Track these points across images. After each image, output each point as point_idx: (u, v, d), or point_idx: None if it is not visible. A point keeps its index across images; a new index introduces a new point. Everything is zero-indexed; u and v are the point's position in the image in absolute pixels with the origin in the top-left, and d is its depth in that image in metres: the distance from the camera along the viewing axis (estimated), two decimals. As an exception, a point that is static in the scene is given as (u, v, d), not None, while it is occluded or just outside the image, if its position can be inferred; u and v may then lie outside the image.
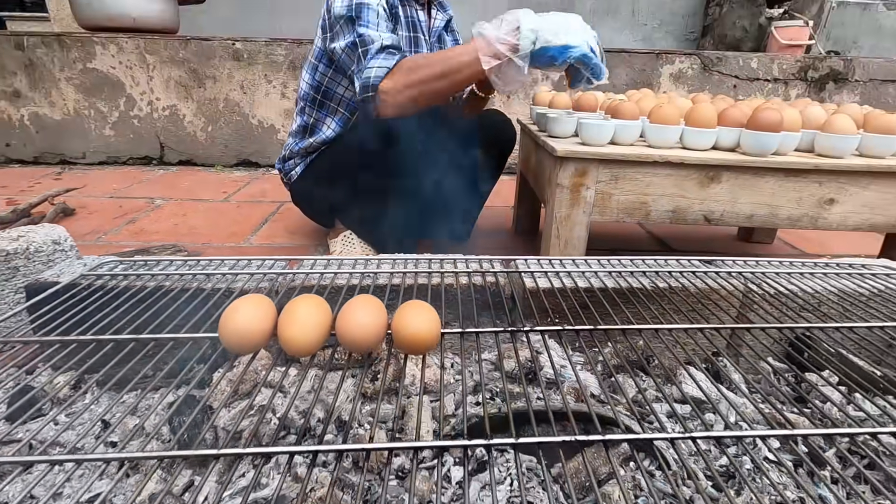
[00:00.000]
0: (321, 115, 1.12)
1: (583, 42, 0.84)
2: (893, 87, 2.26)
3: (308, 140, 1.15)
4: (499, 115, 1.22)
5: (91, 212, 1.54)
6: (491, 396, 0.70)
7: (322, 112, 1.12)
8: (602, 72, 0.87)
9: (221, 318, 0.50)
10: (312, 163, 1.16)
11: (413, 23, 1.08)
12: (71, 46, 2.04)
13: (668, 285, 0.77)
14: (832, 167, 0.91)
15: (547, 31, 0.83)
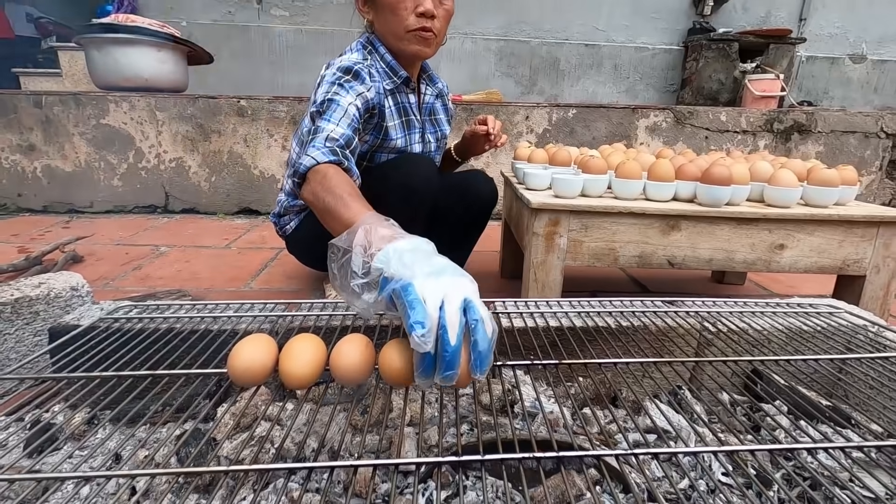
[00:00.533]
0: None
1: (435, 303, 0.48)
2: (854, 138, 2.43)
3: (299, 200, 1.22)
4: (482, 175, 1.28)
5: (99, 258, 1.63)
6: (470, 428, 0.77)
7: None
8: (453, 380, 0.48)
9: (230, 355, 0.58)
10: (306, 217, 1.25)
11: (404, 108, 1.14)
12: (86, 104, 2.18)
13: (630, 324, 0.85)
14: (779, 216, 1.01)
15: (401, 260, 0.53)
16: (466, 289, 0.49)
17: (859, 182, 1.09)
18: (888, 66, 3.84)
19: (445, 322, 0.46)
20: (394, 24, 1.02)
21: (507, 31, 3.55)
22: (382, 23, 1.05)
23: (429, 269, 0.50)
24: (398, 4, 1.00)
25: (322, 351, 0.61)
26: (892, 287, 1.07)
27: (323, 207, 0.80)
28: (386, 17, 1.03)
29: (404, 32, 1.03)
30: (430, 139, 1.23)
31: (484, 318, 0.47)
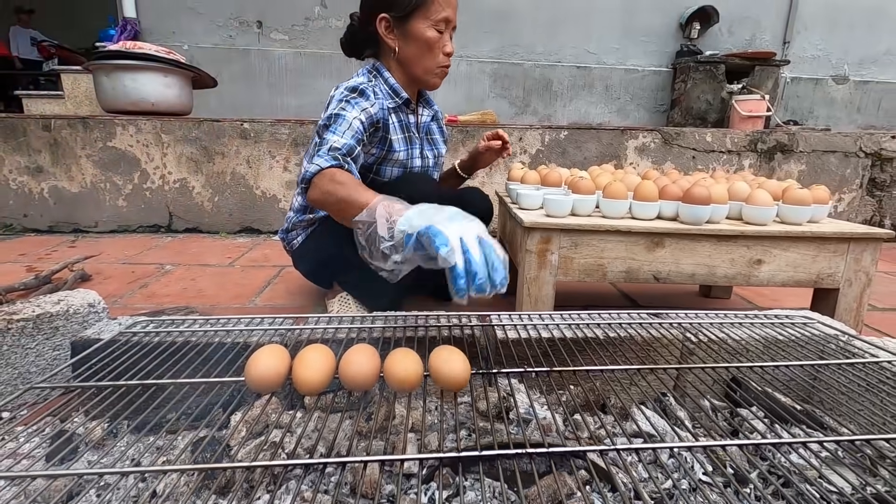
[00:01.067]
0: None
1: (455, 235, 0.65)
2: (834, 157, 2.53)
3: (309, 215, 1.31)
4: (478, 192, 1.37)
5: (106, 277, 1.67)
6: (468, 433, 0.82)
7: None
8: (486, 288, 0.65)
9: (247, 364, 0.63)
10: (313, 233, 1.32)
11: (405, 125, 1.24)
12: (94, 127, 2.25)
13: (618, 335, 0.91)
14: (755, 233, 1.08)
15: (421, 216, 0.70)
16: (478, 227, 0.68)
17: (832, 200, 1.15)
18: (869, 86, 3.99)
19: (467, 245, 0.64)
20: (427, 60, 1.16)
21: (500, 53, 3.67)
22: (413, 55, 1.16)
23: (445, 216, 0.68)
24: (435, 44, 1.14)
25: (332, 360, 0.67)
26: (865, 299, 1.13)
27: (337, 199, 0.91)
28: (421, 51, 1.15)
29: (435, 68, 1.17)
30: (427, 155, 1.33)
31: (494, 245, 0.66)
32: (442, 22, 1.12)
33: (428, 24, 1.12)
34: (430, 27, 1.12)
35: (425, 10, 1.11)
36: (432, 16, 1.11)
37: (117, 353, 0.78)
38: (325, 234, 1.30)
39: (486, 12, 3.54)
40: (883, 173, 2.56)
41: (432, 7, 1.11)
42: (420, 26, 1.12)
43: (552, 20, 3.65)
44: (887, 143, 2.55)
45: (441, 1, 1.11)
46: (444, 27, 1.14)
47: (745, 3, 3.71)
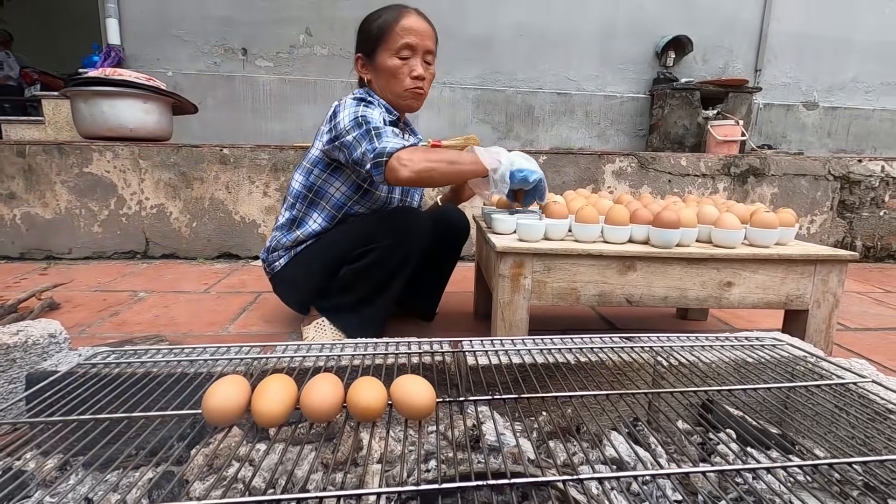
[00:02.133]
0: (310, 210, 1.31)
1: (540, 172, 1.17)
2: (805, 180, 2.59)
3: (295, 232, 1.31)
4: (456, 210, 1.43)
5: (76, 305, 1.63)
6: (436, 464, 0.80)
7: (311, 208, 1.31)
8: (545, 195, 1.21)
9: (204, 396, 0.62)
10: (295, 256, 1.32)
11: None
12: (70, 153, 2.23)
13: (589, 360, 0.90)
14: (724, 256, 1.09)
15: (520, 160, 1.15)
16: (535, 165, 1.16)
17: (798, 223, 1.18)
18: (838, 112, 4.13)
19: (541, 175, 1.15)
20: (394, 85, 1.24)
21: (483, 80, 3.75)
22: (383, 84, 1.26)
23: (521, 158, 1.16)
24: (398, 71, 1.23)
25: (293, 390, 0.65)
26: (834, 320, 1.14)
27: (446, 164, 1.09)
28: (387, 79, 1.24)
29: (402, 91, 1.25)
30: None
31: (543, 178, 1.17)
32: (404, 49, 1.21)
33: (390, 55, 1.22)
34: (391, 56, 1.22)
35: (386, 42, 1.21)
36: (392, 45, 1.21)
37: (73, 385, 0.76)
38: (306, 257, 1.30)
39: (469, 41, 3.62)
40: (852, 195, 2.63)
41: (392, 38, 1.21)
42: (383, 57, 1.23)
43: (533, 48, 3.74)
44: (854, 167, 2.63)
45: (400, 31, 1.20)
46: (408, 54, 1.22)
47: (717, 33, 3.84)
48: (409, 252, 1.23)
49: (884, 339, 1.50)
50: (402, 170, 1.06)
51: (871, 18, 3.85)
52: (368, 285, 1.26)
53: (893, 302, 1.93)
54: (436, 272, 1.48)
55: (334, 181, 1.28)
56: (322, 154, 1.27)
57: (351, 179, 1.28)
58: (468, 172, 1.12)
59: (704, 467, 0.59)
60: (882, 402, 0.75)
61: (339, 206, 1.30)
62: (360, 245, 1.23)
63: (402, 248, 1.21)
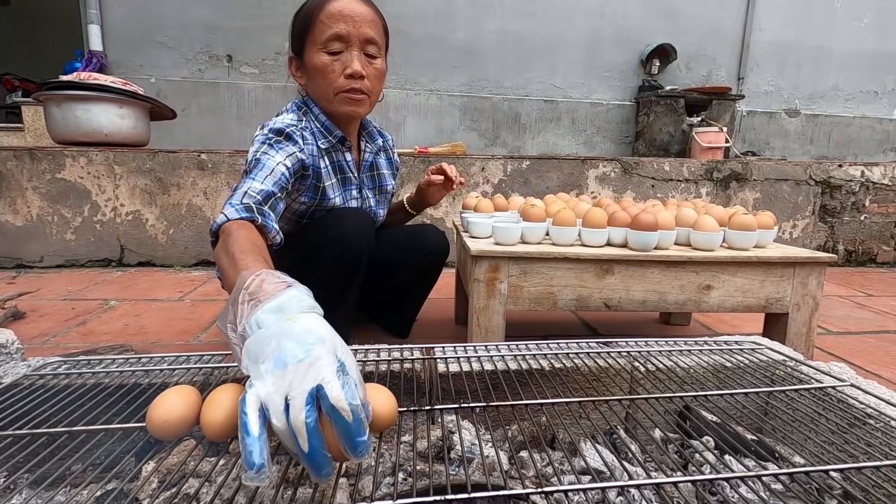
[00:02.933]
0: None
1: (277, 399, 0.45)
2: (787, 185, 2.61)
3: None
4: (432, 229, 1.33)
5: (42, 314, 1.58)
6: (405, 476, 0.76)
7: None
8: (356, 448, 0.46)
9: (149, 408, 0.58)
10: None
11: (339, 166, 1.15)
12: (42, 158, 2.18)
13: (564, 366, 0.87)
14: (703, 259, 1.08)
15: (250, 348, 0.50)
16: (318, 372, 0.43)
17: (777, 226, 1.17)
18: (819, 119, 4.18)
19: (293, 429, 0.43)
20: (324, 86, 1.03)
21: (470, 87, 3.75)
22: (314, 87, 1.06)
23: (272, 361, 0.45)
24: (326, 68, 1.01)
25: (246, 400, 0.61)
26: (814, 323, 1.13)
27: (222, 270, 0.74)
28: (316, 80, 1.04)
29: (333, 94, 1.04)
30: (367, 195, 1.24)
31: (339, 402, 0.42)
32: (333, 41, 1.00)
33: (316, 50, 1.01)
34: (318, 52, 1.01)
35: (311, 35, 1.01)
36: (319, 38, 1.00)
37: (16, 398, 0.71)
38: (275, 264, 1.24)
39: (455, 49, 3.63)
40: (833, 200, 2.65)
41: (316, 29, 1.00)
42: (311, 55, 1.02)
43: (519, 56, 3.75)
44: (835, 172, 2.65)
45: (326, 19, 0.99)
46: (339, 47, 1.00)
47: (700, 42, 3.88)
48: (356, 256, 1.08)
49: (865, 343, 1.49)
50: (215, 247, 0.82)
51: (849, 29, 3.92)
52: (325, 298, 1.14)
53: (875, 305, 1.93)
54: (412, 292, 1.41)
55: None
56: None
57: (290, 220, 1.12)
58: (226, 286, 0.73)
59: (678, 477, 0.56)
60: (860, 407, 0.73)
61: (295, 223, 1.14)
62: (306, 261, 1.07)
63: (348, 254, 1.07)
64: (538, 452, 0.83)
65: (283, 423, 0.43)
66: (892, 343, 1.50)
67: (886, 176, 2.71)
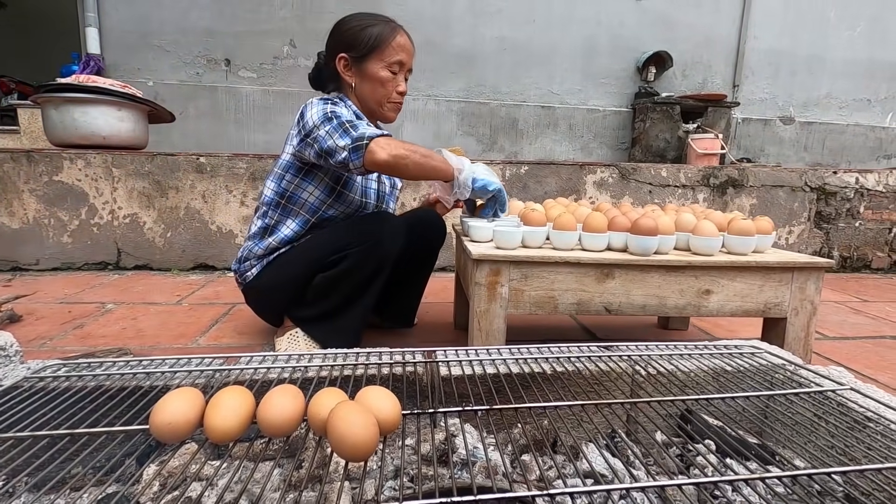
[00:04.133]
0: (282, 216, 1.28)
1: (500, 184, 1.26)
2: (782, 191, 2.63)
3: (267, 240, 1.28)
4: (431, 213, 1.44)
5: (39, 317, 1.57)
6: (410, 479, 0.76)
7: (284, 214, 1.28)
8: (506, 208, 1.29)
9: (152, 410, 0.57)
10: (267, 265, 1.27)
11: None
12: (39, 161, 2.17)
13: (565, 369, 0.88)
14: (702, 263, 1.08)
15: (481, 171, 1.24)
16: (495, 177, 1.25)
17: (775, 231, 1.18)
18: (814, 127, 4.22)
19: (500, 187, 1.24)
20: (380, 95, 1.27)
21: (468, 93, 3.76)
22: (368, 90, 1.27)
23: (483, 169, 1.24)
24: (387, 82, 1.26)
25: (250, 403, 0.61)
26: (812, 328, 1.14)
27: (420, 155, 1.13)
28: (375, 87, 1.26)
29: (387, 102, 1.29)
30: (384, 181, 1.42)
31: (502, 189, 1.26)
32: (396, 64, 1.25)
33: (382, 66, 1.24)
34: (383, 68, 1.24)
35: (380, 53, 1.23)
36: (387, 58, 1.23)
37: (17, 400, 0.71)
38: (282, 265, 1.26)
39: (453, 55, 3.65)
40: (828, 206, 2.68)
41: (387, 51, 1.23)
42: (375, 67, 1.24)
43: (516, 63, 3.77)
44: (830, 179, 2.67)
45: (395, 47, 1.23)
46: (397, 69, 1.26)
47: (696, 50, 3.92)
48: (382, 258, 1.20)
49: (861, 348, 1.50)
50: (379, 152, 1.08)
51: (842, 37, 3.96)
52: (343, 293, 1.23)
53: (870, 311, 1.95)
54: (413, 276, 1.47)
55: (307, 185, 1.25)
56: (293, 158, 1.25)
57: (324, 183, 1.27)
58: (438, 169, 1.17)
59: (681, 480, 0.56)
60: (860, 411, 0.74)
61: (314, 210, 1.27)
62: (333, 252, 1.20)
63: (375, 253, 1.19)
64: (541, 456, 0.83)
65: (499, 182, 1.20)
66: (888, 348, 1.51)
67: (880, 183, 2.73)
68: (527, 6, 3.62)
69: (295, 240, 1.27)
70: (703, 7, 3.81)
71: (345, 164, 1.11)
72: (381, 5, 3.21)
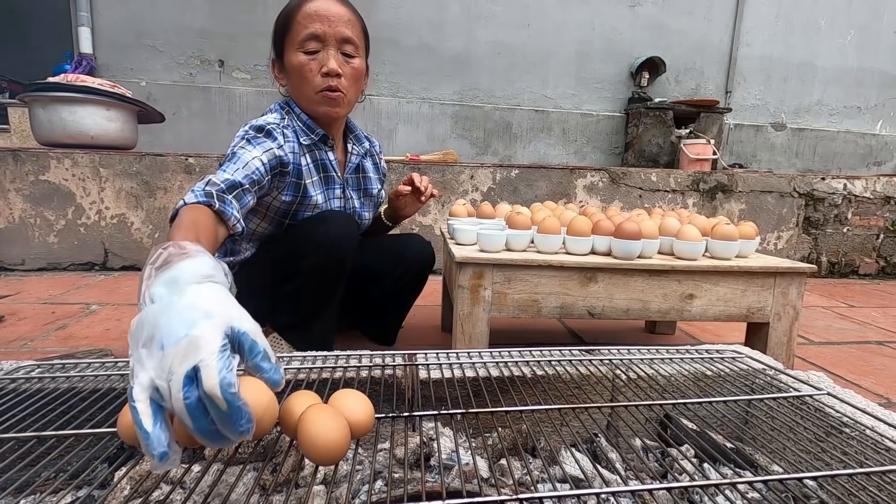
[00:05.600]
0: (236, 245, 1.18)
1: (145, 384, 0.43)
2: (771, 197, 2.65)
3: (228, 258, 1.19)
4: (418, 238, 1.32)
5: (21, 318, 1.55)
6: (384, 483, 0.75)
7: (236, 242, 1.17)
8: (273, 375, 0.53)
9: (121, 413, 0.57)
10: (240, 272, 1.23)
11: (322, 164, 1.15)
12: (26, 160, 2.15)
13: (545, 373, 0.87)
14: (685, 268, 1.09)
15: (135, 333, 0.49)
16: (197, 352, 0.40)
17: (759, 236, 1.19)
18: (805, 133, 4.25)
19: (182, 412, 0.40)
20: (302, 86, 1.06)
21: (461, 96, 3.77)
22: (294, 87, 1.09)
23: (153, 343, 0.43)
24: (303, 67, 1.03)
25: (220, 405, 0.60)
26: (794, 333, 1.14)
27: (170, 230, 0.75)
28: (295, 81, 1.06)
29: (312, 94, 1.06)
30: (351, 195, 1.23)
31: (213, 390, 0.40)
32: (309, 41, 1.02)
33: (294, 50, 1.04)
34: (296, 52, 1.04)
35: (290, 36, 1.04)
36: (296, 39, 1.03)
37: (-14, 401, 0.70)
38: (253, 273, 1.23)
39: (447, 58, 3.65)
40: (816, 212, 2.69)
41: (294, 29, 1.03)
42: (290, 55, 1.05)
43: (510, 67, 3.78)
44: (818, 185, 2.69)
45: (302, 19, 1.01)
46: (315, 46, 1.03)
47: (689, 56, 3.94)
48: (340, 259, 1.08)
49: (847, 353, 1.51)
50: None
51: (833, 45, 4.00)
52: (310, 301, 1.13)
53: (856, 316, 1.96)
54: (396, 302, 1.38)
55: (253, 217, 1.12)
56: None
57: (269, 218, 1.13)
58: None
59: (652, 485, 0.56)
60: (837, 416, 0.74)
61: (264, 238, 1.16)
62: (290, 264, 1.08)
63: (332, 256, 1.06)
64: (518, 460, 0.83)
65: (171, 405, 0.40)
66: (873, 353, 1.52)
67: (868, 189, 2.76)
68: (521, 11, 3.64)
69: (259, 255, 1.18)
70: (695, 14, 3.84)
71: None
72: (375, 9, 3.21)
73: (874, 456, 0.66)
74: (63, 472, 0.75)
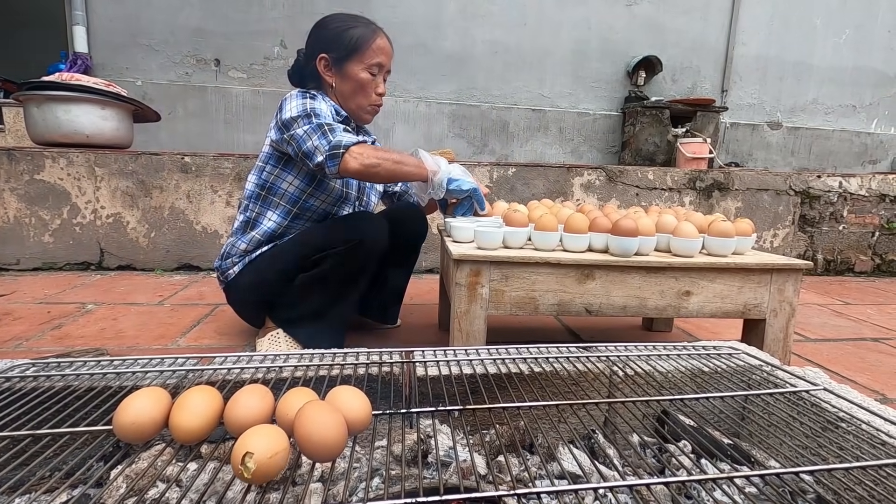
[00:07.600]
0: (263, 208, 1.28)
1: (475, 184, 1.27)
2: (767, 195, 2.65)
3: (250, 234, 1.27)
4: (410, 207, 1.46)
5: (16, 318, 1.54)
6: (382, 480, 0.75)
7: (265, 206, 1.28)
8: (484, 206, 1.32)
9: (117, 410, 0.56)
10: (249, 263, 1.26)
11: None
12: (20, 159, 2.14)
13: (543, 370, 0.87)
14: (682, 265, 1.09)
15: (457, 171, 1.25)
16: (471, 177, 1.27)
17: (755, 233, 1.19)
18: (800, 132, 4.27)
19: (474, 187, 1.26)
20: (360, 97, 1.28)
21: (458, 96, 3.76)
22: (347, 92, 1.28)
23: (458, 170, 1.26)
24: (367, 84, 1.27)
25: (217, 403, 0.60)
26: (791, 329, 1.14)
27: (392, 162, 1.14)
28: (353, 89, 1.27)
29: (366, 104, 1.30)
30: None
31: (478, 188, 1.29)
32: (375, 66, 1.26)
33: (362, 67, 1.25)
34: (363, 70, 1.25)
35: (360, 55, 1.24)
36: (366, 60, 1.25)
37: (-20, 400, 0.69)
38: (260, 264, 1.25)
39: (444, 57, 3.65)
40: (812, 210, 2.70)
41: (367, 53, 1.24)
42: (355, 68, 1.25)
43: (507, 66, 3.78)
44: (814, 183, 2.70)
45: (375, 49, 1.25)
46: (377, 71, 1.27)
47: (685, 55, 3.95)
48: (365, 258, 1.20)
49: (842, 350, 1.51)
50: (352, 162, 1.09)
51: (828, 44, 4.02)
52: (325, 294, 1.22)
53: (852, 314, 1.96)
54: (396, 272, 1.47)
55: (287, 175, 1.26)
56: (272, 149, 1.26)
57: (304, 172, 1.26)
58: (410, 174, 1.18)
59: (649, 479, 0.56)
60: (833, 411, 0.74)
61: (294, 200, 1.27)
62: (315, 252, 1.19)
63: (357, 254, 1.18)
64: (516, 457, 0.83)
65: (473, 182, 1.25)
66: (869, 350, 1.52)
67: (863, 187, 2.77)
68: (518, 10, 3.64)
69: (277, 232, 1.27)
70: (692, 13, 3.85)
71: (321, 167, 1.11)
72: (372, 7, 3.20)
73: (870, 450, 0.66)
74: (58, 471, 0.74)
